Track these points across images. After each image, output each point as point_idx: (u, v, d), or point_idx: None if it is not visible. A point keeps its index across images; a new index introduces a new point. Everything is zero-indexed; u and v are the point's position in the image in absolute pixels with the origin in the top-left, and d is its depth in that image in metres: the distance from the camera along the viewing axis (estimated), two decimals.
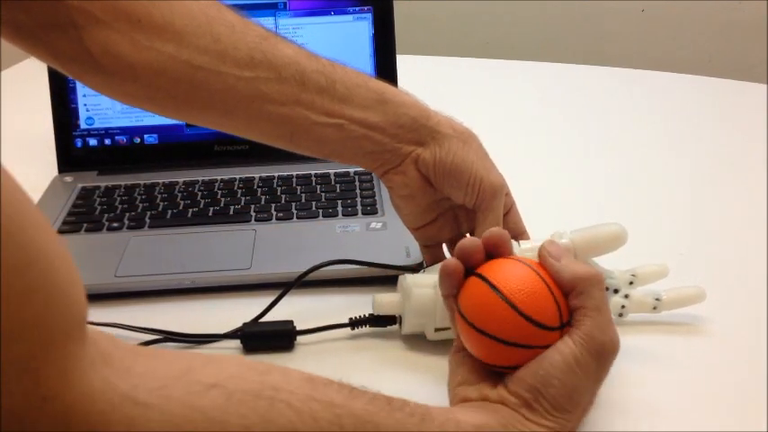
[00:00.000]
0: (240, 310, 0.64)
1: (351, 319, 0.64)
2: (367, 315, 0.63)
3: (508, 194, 0.65)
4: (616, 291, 0.60)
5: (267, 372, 0.41)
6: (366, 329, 0.64)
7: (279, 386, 0.40)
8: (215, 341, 0.63)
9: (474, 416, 0.48)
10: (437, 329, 0.61)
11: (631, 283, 0.63)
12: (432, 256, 0.68)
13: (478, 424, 0.47)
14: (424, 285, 0.60)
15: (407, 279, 0.62)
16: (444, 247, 0.68)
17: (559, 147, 1.00)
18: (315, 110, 0.60)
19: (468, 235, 0.67)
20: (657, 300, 0.63)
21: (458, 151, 0.62)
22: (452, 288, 0.53)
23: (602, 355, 0.49)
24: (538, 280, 0.50)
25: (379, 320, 0.63)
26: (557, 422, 0.48)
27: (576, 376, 0.48)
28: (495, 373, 0.52)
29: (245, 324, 0.63)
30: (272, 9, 0.90)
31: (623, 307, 0.63)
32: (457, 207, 0.66)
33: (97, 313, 0.65)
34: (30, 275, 0.32)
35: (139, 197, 0.83)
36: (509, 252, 0.53)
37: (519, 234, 0.66)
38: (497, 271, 0.51)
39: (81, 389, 0.34)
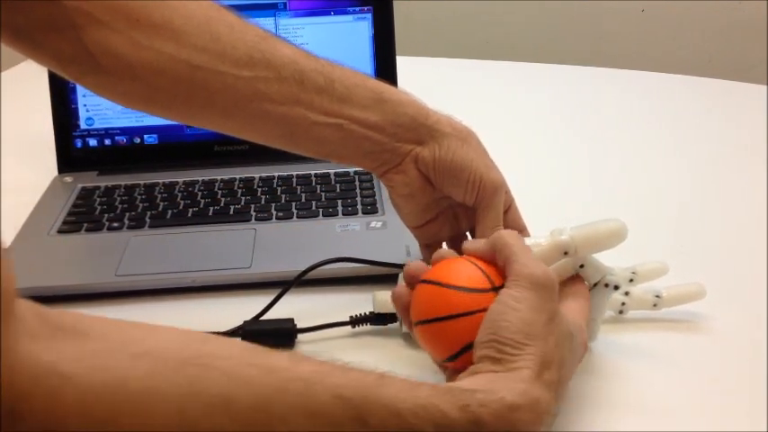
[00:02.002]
0: (240, 309, 0.64)
1: (351, 317, 0.64)
2: (368, 313, 0.63)
3: (508, 192, 0.65)
4: (617, 287, 0.60)
5: (205, 340, 0.41)
6: (366, 327, 0.64)
7: (214, 353, 0.39)
8: None
9: (442, 384, 0.48)
10: None
11: (631, 280, 0.63)
12: (432, 255, 0.68)
13: (445, 386, 0.47)
14: None
15: None
16: (444, 245, 0.68)
17: (559, 147, 1.00)
18: (314, 109, 0.60)
19: (468, 234, 0.67)
20: (658, 297, 0.63)
21: (457, 150, 0.62)
22: (407, 313, 0.54)
23: (537, 286, 0.50)
24: (462, 260, 0.54)
25: (379, 318, 0.63)
26: (523, 358, 0.47)
27: (520, 311, 0.49)
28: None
29: (245, 322, 0.63)
30: (271, 9, 0.90)
31: (623, 304, 0.63)
32: (457, 205, 0.66)
33: (98, 313, 0.65)
34: None
35: (139, 197, 0.83)
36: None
37: (519, 231, 0.65)
38: (429, 270, 0.54)
39: (6, 362, 0.34)
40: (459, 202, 0.65)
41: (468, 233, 0.67)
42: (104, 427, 0.36)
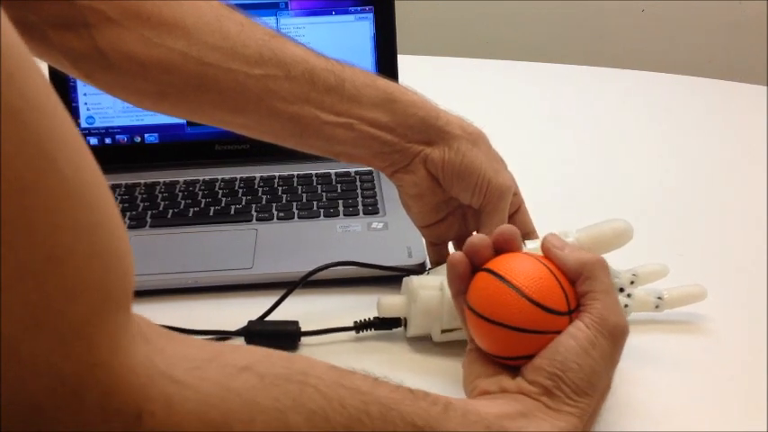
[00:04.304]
0: (242, 310, 0.64)
1: (356, 322, 0.63)
2: (372, 318, 0.63)
3: (517, 194, 0.65)
4: (621, 290, 0.60)
5: (293, 359, 0.41)
6: (371, 332, 0.64)
7: (307, 371, 0.40)
8: (220, 339, 0.63)
9: (494, 406, 0.48)
10: (444, 331, 0.61)
11: (632, 282, 0.63)
12: (437, 254, 0.68)
13: (499, 413, 0.47)
14: (430, 287, 0.60)
15: (413, 281, 0.61)
16: (450, 245, 0.68)
17: (559, 147, 1.00)
18: (324, 109, 0.60)
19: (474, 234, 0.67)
20: (659, 298, 0.64)
21: (466, 152, 0.62)
22: (460, 281, 0.53)
23: (614, 336, 0.49)
24: (543, 268, 0.51)
25: (383, 323, 0.63)
26: (577, 407, 0.48)
27: (593, 358, 0.48)
28: (511, 367, 0.52)
29: (250, 323, 0.63)
30: (273, 9, 0.89)
31: (626, 306, 0.63)
32: (465, 207, 0.65)
33: None
34: (95, 238, 0.32)
35: (140, 196, 0.83)
36: (518, 248, 0.54)
37: (527, 234, 0.65)
38: (503, 263, 0.52)
39: (126, 360, 0.33)
40: (466, 204, 0.64)
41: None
42: None
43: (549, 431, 0.47)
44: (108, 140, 0.89)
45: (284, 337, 0.63)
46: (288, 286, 0.66)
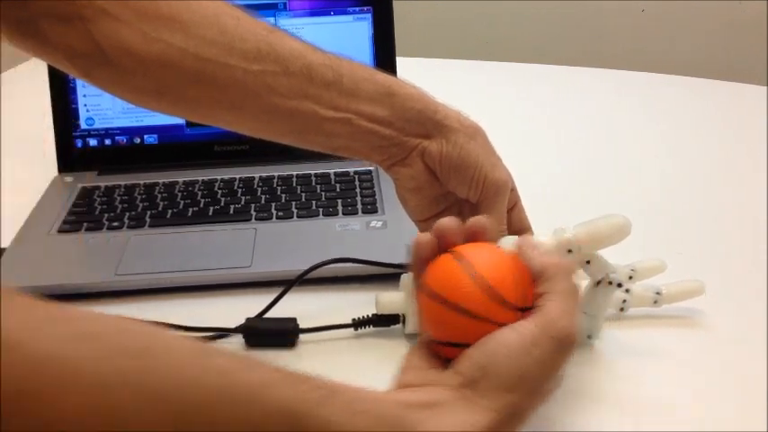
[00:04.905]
0: (241, 308, 0.64)
1: (354, 319, 0.63)
2: (370, 315, 0.63)
3: (514, 190, 0.65)
4: (620, 285, 0.60)
5: (148, 334, 0.39)
6: (369, 329, 0.64)
7: (157, 348, 0.38)
8: (218, 336, 0.63)
9: (401, 394, 0.46)
10: None
11: (631, 277, 0.63)
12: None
13: (402, 401, 0.44)
14: None
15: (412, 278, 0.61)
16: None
17: (559, 147, 1.00)
18: (322, 104, 0.60)
19: None
20: (658, 294, 0.64)
21: (464, 145, 0.62)
22: (422, 264, 0.51)
23: (560, 341, 0.46)
24: (507, 261, 0.50)
25: (382, 320, 0.63)
26: (499, 403, 0.45)
27: (531, 357, 0.45)
28: (445, 362, 0.49)
29: (248, 320, 0.63)
30: (271, 9, 0.90)
31: (624, 301, 0.63)
32: (462, 202, 0.65)
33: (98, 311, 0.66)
34: None
35: (139, 197, 0.83)
36: (490, 240, 0.53)
37: (523, 230, 0.65)
38: (468, 249, 0.51)
39: None
40: (463, 198, 0.64)
41: None
42: (26, 400, 0.34)
43: (454, 425, 0.44)
44: (108, 141, 0.90)
45: (282, 334, 0.63)
46: (286, 284, 0.66)
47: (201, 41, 0.57)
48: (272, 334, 0.63)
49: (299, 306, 0.65)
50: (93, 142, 0.89)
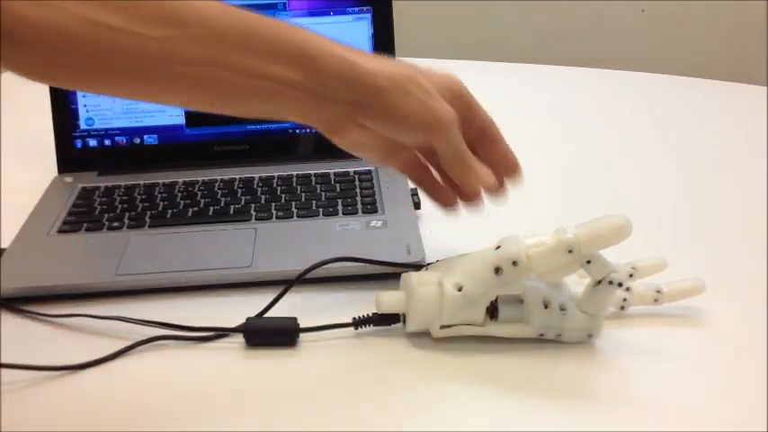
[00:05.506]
0: (242, 308, 0.64)
1: (354, 318, 0.63)
2: (370, 314, 0.63)
3: (467, 100, 0.64)
4: (620, 284, 0.60)
5: None
6: (370, 328, 0.64)
7: None
8: (219, 335, 0.63)
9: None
10: (443, 326, 0.61)
11: (631, 276, 0.63)
12: (421, 178, 0.67)
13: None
14: (429, 283, 0.60)
15: (412, 277, 0.61)
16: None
17: (560, 147, 1.00)
18: (233, 70, 0.56)
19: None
20: (658, 292, 0.64)
21: (395, 102, 0.58)
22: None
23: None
24: None
25: (382, 319, 0.63)
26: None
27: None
28: None
29: (248, 319, 0.63)
30: (271, 9, 0.90)
31: (625, 300, 0.63)
32: None
33: (98, 311, 0.66)
34: None
35: (139, 197, 0.83)
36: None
37: (509, 168, 0.65)
38: None
39: None
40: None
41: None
42: None
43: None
44: (107, 142, 0.90)
45: (283, 333, 0.63)
46: (286, 284, 0.66)
47: (98, 5, 0.52)
48: (272, 333, 0.63)
49: (299, 306, 0.65)
50: (92, 142, 0.89)
